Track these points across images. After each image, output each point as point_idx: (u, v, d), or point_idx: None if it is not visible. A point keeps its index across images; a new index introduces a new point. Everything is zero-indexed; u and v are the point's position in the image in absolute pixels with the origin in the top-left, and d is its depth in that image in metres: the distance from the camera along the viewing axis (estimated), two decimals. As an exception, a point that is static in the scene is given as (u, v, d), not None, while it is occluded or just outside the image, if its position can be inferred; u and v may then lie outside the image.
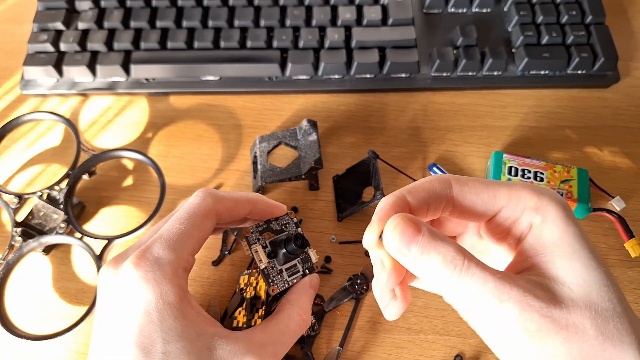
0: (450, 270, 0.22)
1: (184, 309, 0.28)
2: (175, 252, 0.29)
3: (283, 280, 0.34)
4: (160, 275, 0.28)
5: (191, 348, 0.27)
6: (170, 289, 0.28)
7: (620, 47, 0.48)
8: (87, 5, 0.50)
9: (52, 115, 0.45)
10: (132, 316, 0.27)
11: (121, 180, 0.46)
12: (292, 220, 0.36)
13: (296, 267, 0.34)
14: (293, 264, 0.34)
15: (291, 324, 0.31)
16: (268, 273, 0.33)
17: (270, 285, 0.33)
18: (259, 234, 0.34)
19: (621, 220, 0.41)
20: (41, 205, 0.42)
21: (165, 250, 0.29)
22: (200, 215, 0.31)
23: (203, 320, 0.29)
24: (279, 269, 0.34)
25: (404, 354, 0.38)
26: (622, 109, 0.48)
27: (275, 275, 0.34)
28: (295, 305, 0.32)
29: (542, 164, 0.42)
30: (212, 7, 0.49)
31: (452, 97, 0.49)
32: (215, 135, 0.47)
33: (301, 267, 0.35)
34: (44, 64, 0.47)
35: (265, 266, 0.33)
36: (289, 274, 0.34)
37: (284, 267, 0.34)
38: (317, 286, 0.35)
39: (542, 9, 0.48)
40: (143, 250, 0.29)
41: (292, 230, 0.36)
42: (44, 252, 0.42)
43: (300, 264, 0.35)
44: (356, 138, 0.47)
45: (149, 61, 0.47)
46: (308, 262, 0.35)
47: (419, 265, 0.23)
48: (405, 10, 0.49)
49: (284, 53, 0.48)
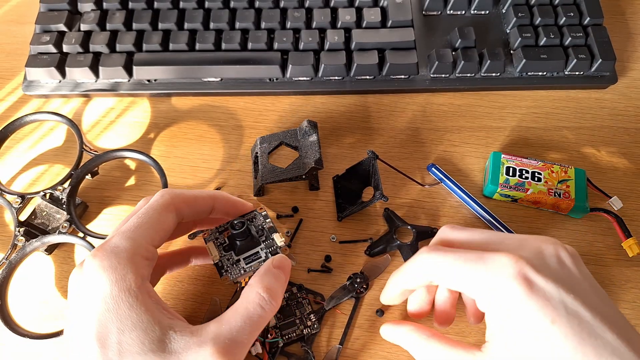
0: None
1: (140, 296, 0.28)
2: (131, 240, 0.29)
3: (239, 268, 0.33)
4: (116, 261, 0.28)
5: (145, 338, 0.27)
6: (125, 274, 0.28)
7: (618, 48, 0.49)
8: (90, 7, 0.50)
9: (54, 116, 0.45)
10: (92, 306, 0.28)
11: (123, 180, 0.46)
12: (260, 214, 0.36)
13: (257, 255, 0.34)
14: (254, 252, 0.34)
15: (249, 305, 0.30)
16: (222, 265, 0.34)
17: (222, 275, 0.33)
18: (218, 234, 0.35)
19: (618, 220, 0.42)
20: (44, 205, 0.42)
21: (122, 239, 0.29)
22: (158, 208, 0.31)
23: (160, 310, 0.28)
24: (236, 259, 0.34)
25: (403, 352, 0.38)
26: (619, 109, 0.48)
27: (230, 266, 0.34)
28: (254, 285, 0.31)
29: (540, 164, 0.43)
30: (213, 9, 0.50)
31: (450, 98, 0.49)
32: (217, 135, 0.48)
33: (264, 253, 0.34)
34: (47, 65, 0.48)
35: (218, 260, 0.34)
36: (248, 262, 0.34)
37: (242, 257, 0.34)
38: (285, 266, 0.33)
39: (540, 10, 0.49)
40: (102, 243, 0.30)
41: (259, 223, 0.35)
42: (46, 252, 0.42)
43: (263, 250, 0.34)
44: (356, 139, 0.47)
45: (151, 62, 0.48)
46: (272, 247, 0.34)
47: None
48: (404, 12, 0.49)
49: (284, 55, 0.48)
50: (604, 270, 0.41)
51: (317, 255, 0.42)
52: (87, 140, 0.46)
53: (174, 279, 0.41)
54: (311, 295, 0.40)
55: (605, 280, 0.40)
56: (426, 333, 0.32)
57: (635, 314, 0.39)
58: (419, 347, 0.32)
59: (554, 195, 0.41)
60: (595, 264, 0.41)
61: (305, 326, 0.38)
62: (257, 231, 0.35)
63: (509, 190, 0.42)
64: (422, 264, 0.31)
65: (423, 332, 0.32)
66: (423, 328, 0.33)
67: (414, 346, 0.32)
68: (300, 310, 0.39)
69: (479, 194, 0.44)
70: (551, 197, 0.41)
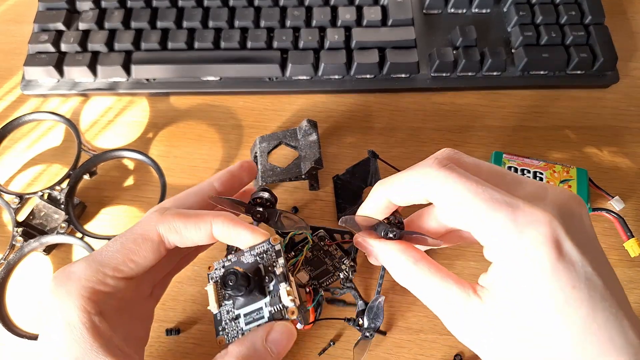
0: None
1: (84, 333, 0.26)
2: (90, 268, 0.27)
3: (237, 329, 0.27)
4: (65, 291, 0.26)
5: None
6: (71, 309, 0.26)
7: (620, 47, 0.48)
8: (88, 6, 0.50)
9: (53, 116, 0.45)
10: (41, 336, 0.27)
11: (122, 180, 0.46)
12: (272, 247, 0.28)
13: (260, 312, 0.26)
14: (256, 307, 0.26)
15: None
16: (220, 319, 0.27)
17: (219, 335, 0.27)
18: (223, 269, 0.28)
19: (620, 220, 0.41)
20: (42, 205, 0.42)
21: (81, 265, 0.27)
22: (135, 234, 0.28)
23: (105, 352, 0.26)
24: (236, 313, 0.27)
25: (404, 353, 0.38)
26: (621, 109, 0.48)
27: (228, 322, 0.27)
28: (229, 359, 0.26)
29: (542, 164, 0.42)
30: (212, 8, 0.49)
31: (451, 97, 0.49)
32: (216, 135, 0.48)
33: (268, 311, 0.26)
34: (45, 65, 0.47)
35: (217, 311, 0.27)
36: (248, 321, 0.26)
37: (242, 312, 0.27)
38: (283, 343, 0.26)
39: (542, 9, 0.49)
40: (68, 264, 0.28)
41: (269, 261, 0.27)
42: (44, 252, 0.42)
43: (267, 307, 0.26)
44: (356, 138, 0.47)
45: (150, 61, 0.47)
46: (277, 306, 0.26)
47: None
48: (405, 10, 0.49)
49: (284, 53, 0.48)
50: (606, 271, 0.40)
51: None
52: (85, 139, 0.46)
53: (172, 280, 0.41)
54: (337, 234, 0.36)
55: (607, 280, 0.40)
56: (413, 254, 0.27)
57: (638, 315, 0.39)
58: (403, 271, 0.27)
59: (556, 195, 0.41)
60: (597, 264, 0.41)
61: (341, 270, 0.34)
62: (265, 272, 0.27)
63: (510, 190, 0.42)
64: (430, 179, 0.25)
65: (410, 252, 0.27)
66: (410, 247, 0.27)
67: (398, 268, 0.27)
68: (329, 258, 0.35)
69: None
70: (553, 197, 0.41)
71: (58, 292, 0.27)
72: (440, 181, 0.25)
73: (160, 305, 0.40)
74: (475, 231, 0.25)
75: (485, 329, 0.25)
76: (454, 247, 0.41)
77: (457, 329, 0.26)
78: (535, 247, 0.23)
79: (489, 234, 0.24)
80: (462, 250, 0.41)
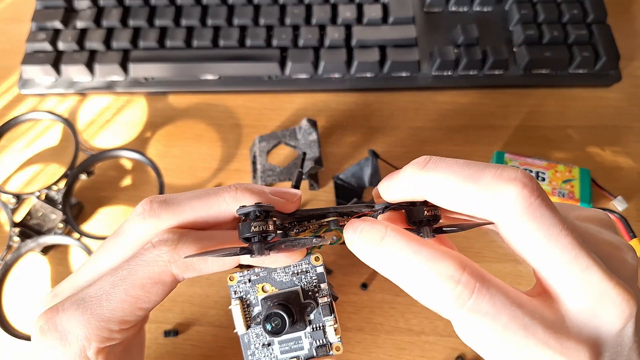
0: None
1: None
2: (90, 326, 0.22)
3: (271, 356, 0.24)
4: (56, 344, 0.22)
5: None
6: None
7: (622, 46, 0.48)
8: (86, 4, 0.50)
9: (50, 115, 0.45)
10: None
11: (120, 180, 0.45)
12: (314, 269, 0.24)
13: (299, 342, 0.24)
14: (295, 337, 0.24)
15: None
16: (248, 343, 0.24)
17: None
18: (249, 284, 0.24)
19: (623, 220, 0.41)
20: (39, 205, 0.42)
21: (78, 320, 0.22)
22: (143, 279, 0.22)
23: None
24: (269, 340, 0.24)
25: (405, 355, 0.37)
26: (624, 108, 0.48)
27: (260, 348, 0.24)
28: None
29: (544, 164, 0.42)
30: (211, 6, 0.49)
31: (453, 96, 0.48)
32: (215, 134, 0.47)
33: (308, 343, 0.24)
34: (42, 63, 0.47)
35: (244, 332, 0.24)
36: (284, 350, 0.24)
37: (277, 340, 0.24)
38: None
39: (544, 7, 0.48)
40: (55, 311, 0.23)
41: (310, 285, 0.24)
42: (42, 253, 0.42)
43: (307, 339, 0.24)
44: (356, 137, 0.46)
45: (148, 60, 0.47)
46: (320, 340, 0.24)
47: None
48: (405, 8, 0.48)
49: (283, 52, 0.47)
50: (609, 272, 0.40)
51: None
52: (82, 139, 0.46)
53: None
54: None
55: (610, 281, 0.40)
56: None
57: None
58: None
59: (558, 195, 0.41)
60: (600, 265, 0.40)
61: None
62: (305, 297, 0.24)
63: (512, 190, 0.41)
64: (411, 176, 0.23)
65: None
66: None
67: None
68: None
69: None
70: (555, 197, 0.41)
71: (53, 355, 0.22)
72: (422, 175, 0.22)
73: (159, 306, 0.39)
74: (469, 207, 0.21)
75: None
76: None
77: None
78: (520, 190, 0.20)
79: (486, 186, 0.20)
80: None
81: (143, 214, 0.23)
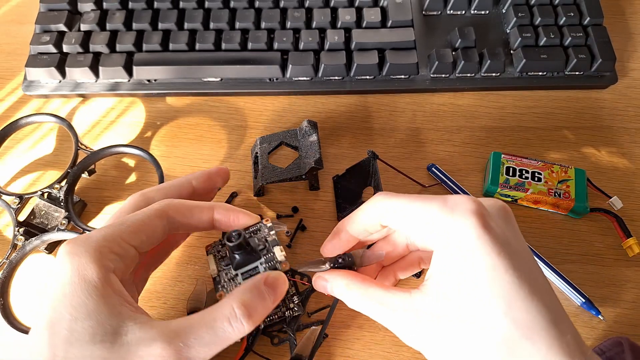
0: None
1: (100, 286, 0.27)
2: (104, 232, 0.29)
3: (236, 284, 0.32)
4: (83, 249, 0.27)
5: (97, 329, 0.26)
6: (88, 263, 0.27)
7: (618, 48, 0.49)
8: (90, 7, 0.50)
9: (48, 117, 0.45)
10: (51, 291, 0.27)
11: (122, 179, 0.46)
12: (265, 226, 0.34)
13: (256, 269, 0.32)
14: (252, 267, 0.32)
15: (218, 316, 0.28)
16: (219, 279, 0.32)
17: (218, 290, 0.32)
18: (220, 246, 0.34)
19: (619, 220, 0.42)
20: (42, 204, 0.42)
21: (97, 231, 0.29)
22: (147, 212, 0.31)
23: (121, 302, 0.27)
24: (234, 274, 0.32)
25: (403, 352, 0.38)
26: (619, 109, 0.48)
27: (227, 281, 0.32)
28: (232, 299, 0.28)
29: (540, 164, 0.43)
30: (213, 9, 0.50)
31: (450, 98, 0.49)
32: (217, 135, 0.48)
33: (263, 267, 0.32)
34: (47, 65, 0.48)
35: (216, 275, 0.32)
36: (245, 277, 0.32)
37: (240, 271, 0.32)
38: (278, 285, 0.30)
39: (540, 10, 0.49)
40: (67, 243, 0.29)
41: (263, 235, 0.33)
42: (47, 251, 0.42)
43: (262, 265, 0.32)
44: (356, 139, 0.47)
45: (151, 62, 0.48)
46: (272, 262, 0.32)
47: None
48: (404, 12, 0.49)
49: (284, 55, 0.48)
50: (604, 271, 0.41)
51: (317, 255, 0.42)
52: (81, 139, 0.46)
53: (173, 279, 0.41)
54: (298, 275, 0.38)
55: (605, 280, 0.40)
56: (358, 279, 0.30)
57: (636, 314, 0.39)
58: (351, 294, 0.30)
59: (554, 195, 0.41)
60: (595, 264, 0.41)
61: (288, 308, 0.35)
62: (259, 244, 0.33)
63: (509, 190, 0.42)
64: (378, 203, 0.30)
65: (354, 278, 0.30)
66: (354, 274, 0.31)
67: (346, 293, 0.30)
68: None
69: (479, 194, 0.44)
70: (551, 197, 0.41)
71: (73, 250, 0.27)
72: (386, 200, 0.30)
73: (162, 304, 0.40)
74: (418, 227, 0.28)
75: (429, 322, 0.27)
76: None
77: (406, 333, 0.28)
78: (463, 220, 0.26)
79: (426, 221, 0.28)
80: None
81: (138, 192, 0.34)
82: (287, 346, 0.38)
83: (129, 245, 0.30)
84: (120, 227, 0.30)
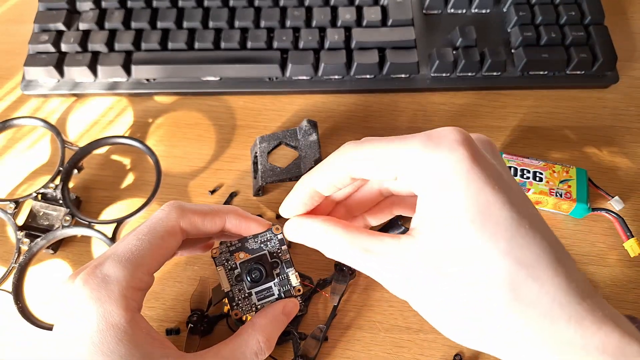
0: None
1: (130, 331, 0.26)
2: (126, 270, 0.27)
3: (250, 304, 0.31)
4: (106, 294, 0.27)
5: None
6: (115, 309, 0.26)
7: (619, 47, 0.49)
8: (88, 6, 0.50)
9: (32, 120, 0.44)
10: (78, 339, 0.26)
11: (118, 178, 0.46)
12: (275, 236, 0.32)
13: (270, 290, 0.32)
14: (266, 287, 0.31)
15: (247, 351, 0.29)
16: (232, 296, 0.31)
17: (234, 308, 0.31)
18: (228, 254, 0.32)
19: (620, 220, 0.41)
20: (39, 205, 0.42)
21: (115, 267, 0.27)
22: (161, 231, 0.29)
23: (151, 343, 0.27)
24: (248, 292, 0.31)
25: (403, 353, 0.38)
26: (621, 109, 0.48)
27: (241, 299, 0.31)
28: (258, 330, 0.29)
29: (541, 164, 0.43)
30: (212, 8, 0.49)
31: (451, 97, 0.49)
32: (216, 135, 0.48)
33: (277, 290, 0.32)
34: (45, 65, 0.47)
35: (229, 290, 0.31)
36: (260, 297, 0.31)
37: (254, 290, 0.31)
38: (293, 313, 0.31)
39: (541, 9, 0.49)
40: (94, 267, 0.28)
41: (274, 248, 0.32)
42: (51, 251, 0.42)
43: (276, 287, 0.32)
44: (356, 138, 0.46)
45: (150, 62, 0.47)
46: (286, 286, 0.32)
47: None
48: (404, 11, 0.49)
49: (284, 54, 0.48)
50: (605, 271, 0.41)
51: (317, 255, 0.41)
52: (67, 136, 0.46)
53: (172, 280, 0.41)
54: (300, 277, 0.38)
55: (606, 280, 0.40)
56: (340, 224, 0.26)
57: (638, 315, 0.39)
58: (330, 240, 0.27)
59: (556, 195, 0.41)
60: (596, 264, 0.41)
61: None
62: (271, 257, 0.32)
63: (510, 190, 0.42)
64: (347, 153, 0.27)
65: (335, 223, 0.27)
66: (332, 218, 0.27)
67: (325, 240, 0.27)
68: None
69: (479, 194, 0.44)
70: (553, 197, 0.41)
71: (96, 296, 0.26)
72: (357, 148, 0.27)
73: (161, 305, 0.40)
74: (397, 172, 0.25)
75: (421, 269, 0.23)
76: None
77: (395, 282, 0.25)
78: (450, 153, 0.23)
79: (408, 163, 0.24)
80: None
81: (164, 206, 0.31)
82: (290, 345, 0.38)
83: (149, 276, 0.29)
84: (136, 257, 0.28)
